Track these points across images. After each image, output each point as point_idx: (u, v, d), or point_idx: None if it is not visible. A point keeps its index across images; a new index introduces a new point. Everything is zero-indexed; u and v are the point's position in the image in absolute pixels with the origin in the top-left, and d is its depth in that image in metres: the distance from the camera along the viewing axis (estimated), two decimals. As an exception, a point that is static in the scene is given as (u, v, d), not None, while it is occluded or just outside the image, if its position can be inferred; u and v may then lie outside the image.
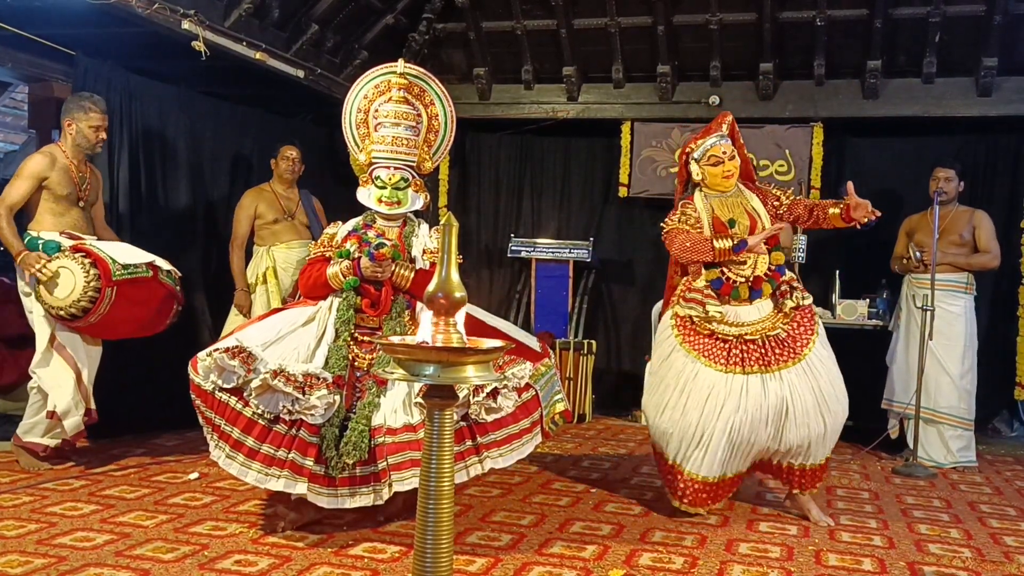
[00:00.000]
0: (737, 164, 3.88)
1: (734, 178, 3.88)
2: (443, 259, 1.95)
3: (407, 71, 3.76)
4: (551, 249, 6.59)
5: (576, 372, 6.20)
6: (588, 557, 3.21)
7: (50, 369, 4.11)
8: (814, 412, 3.63)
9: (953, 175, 5.19)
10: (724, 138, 3.90)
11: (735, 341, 3.73)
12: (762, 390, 3.64)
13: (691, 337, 3.80)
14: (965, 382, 5.15)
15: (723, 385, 3.66)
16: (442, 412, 1.93)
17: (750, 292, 3.79)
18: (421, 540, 1.90)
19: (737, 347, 3.72)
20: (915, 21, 5.76)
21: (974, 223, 5.21)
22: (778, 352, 3.68)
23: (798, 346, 3.68)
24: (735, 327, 3.75)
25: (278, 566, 2.98)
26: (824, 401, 3.65)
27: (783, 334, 3.71)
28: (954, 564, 3.32)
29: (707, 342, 3.76)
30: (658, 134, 6.64)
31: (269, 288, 5.10)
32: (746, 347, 3.71)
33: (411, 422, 3.28)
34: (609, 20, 6.19)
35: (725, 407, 3.62)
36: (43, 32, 4.59)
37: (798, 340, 3.70)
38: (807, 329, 3.73)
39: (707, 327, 3.77)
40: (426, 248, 3.68)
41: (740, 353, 3.71)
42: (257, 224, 5.17)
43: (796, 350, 3.68)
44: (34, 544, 3.09)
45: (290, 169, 5.24)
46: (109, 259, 3.97)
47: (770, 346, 3.70)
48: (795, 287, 3.79)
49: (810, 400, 3.63)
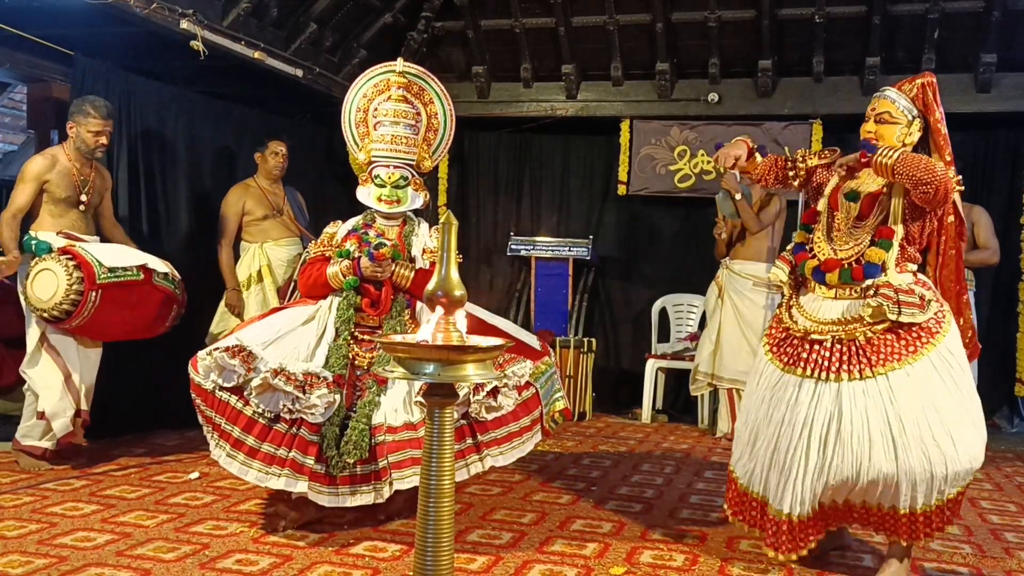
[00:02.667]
0: (888, 131, 3.02)
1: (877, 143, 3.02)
2: (443, 258, 1.95)
3: (406, 70, 3.76)
4: (551, 247, 6.59)
5: (576, 370, 6.20)
6: (589, 555, 3.21)
7: (39, 369, 4.11)
8: (880, 441, 2.81)
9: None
10: (889, 94, 3.07)
11: (802, 339, 3.06)
12: (812, 401, 2.95)
13: (773, 327, 3.23)
14: None
15: (776, 385, 3.07)
16: (442, 410, 1.93)
17: (814, 272, 3.09)
18: (422, 538, 1.90)
19: (802, 345, 3.05)
20: (914, 17, 5.76)
21: (972, 219, 5.21)
22: (845, 359, 2.93)
23: (877, 359, 2.88)
24: (809, 320, 3.08)
25: (279, 565, 2.99)
26: (902, 432, 2.80)
27: (863, 340, 2.93)
28: (955, 560, 3.32)
29: (780, 335, 3.16)
30: (657, 132, 6.65)
31: (265, 286, 5.02)
32: (810, 347, 3.02)
33: (411, 420, 3.28)
34: (608, 18, 6.19)
35: (774, 413, 3.04)
36: (41, 32, 4.58)
37: (882, 353, 2.89)
38: (908, 345, 2.89)
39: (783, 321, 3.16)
40: (426, 247, 3.68)
41: (801, 352, 3.04)
42: (245, 221, 5.05)
43: (872, 363, 2.88)
44: (35, 544, 3.09)
45: (279, 165, 5.12)
46: (95, 262, 3.95)
47: (838, 351, 2.96)
48: (903, 299, 2.89)
49: (876, 424, 2.83)
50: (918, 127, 3.08)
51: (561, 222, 7.09)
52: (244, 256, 5.09)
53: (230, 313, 5.01)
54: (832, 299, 3.07)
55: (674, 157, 6.61)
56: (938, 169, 2.86)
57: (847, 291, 3.04)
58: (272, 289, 5.02)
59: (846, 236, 3.07)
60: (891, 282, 2.96)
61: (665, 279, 6.80)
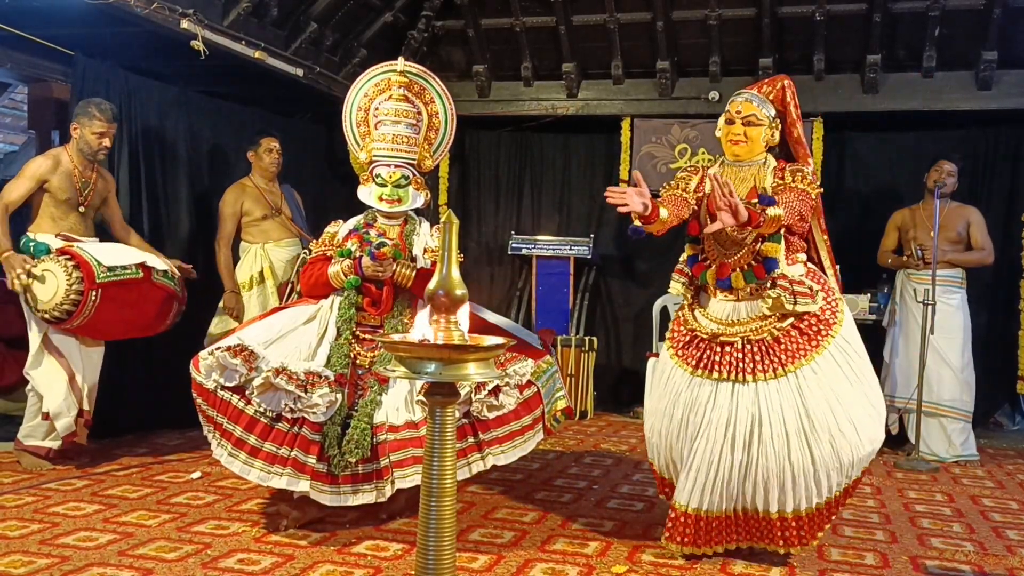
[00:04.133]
0: (756, 133, 3.17)
1: (742, 146, 3.19)
2: (444, 257, 1.95)
3: (407, 69, 3.75)
4: (552, 246, 6.59)
5: (577, 369, 6.21)
6: (591, 554, 3.21)
7: (42, 369, 4.11)
8: (796, 438, 2.98)
9: (955, 170, 5.20)
10: (752, 98, 3.22)
11: (709, 341, 3.17)
12: (731, 402, 3.06)
13: (675, 330, 3.32)
14: (966, 374, 5.18)
15: (687, 391, 3.16)
16: (444, 409, 1.93)
17: (716, 281, 3.18)
18: (423, 537, 1.90)
19: (711, 348, 3.15)
20: (914, 15, 5.75)
21: (968, 219, 5.21)
22: (757, 359, 3.06)
23: (786, 357, 3.04)
24: (715, 323, 3.19)
25: (281, 564, 2.99)
26: (812, 427, 2.98)
27: (770, 339, 3.08)
28: (956, 558, 3.32)
29: (684, 338, 3.25)
30: (658, 130, 6.64)
31: (267, 288, 4.97)
32: (720, 350, 3.12)
33: (413, 419, 3.28)
34: (608, 16, 6.19)
35: (690, 418, 3.12)
36: (42, 32, 4.58)
37: (789, 350, 3.05)
38: (810, 340, 3.06)
39: (688, 323, 3.26)
40: (427, 246, 3.68)
41: (712, 356, 3.13)
42: (244, 221, 5.00)
43: (782, 361, 3.04)
44: (37, 544, 3.10)
45: (275, 162, 5.07)
46: (94, 262, 3.95)
47: (750, 352, 3.08)
48: (797, 289, 3.05)
49: (791, 422, 2.99)
50: (778, 126, 3.23)
51: (562, 221, 7.09)
52: (245, 257, 5.05)
53: (228, 315, 4.95)
54: (735, 301, 3.18)
55: (675, 155, 6.61)
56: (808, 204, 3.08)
57: (748, 290, 3.16)
58: (273, 290, 4.98)
59: (736, 238, 3.11)
60: (785, 274, 3.10)
61: (666, 278, 6.69)
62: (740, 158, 3.23)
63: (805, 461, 2.99)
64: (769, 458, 3.00)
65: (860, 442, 3.03)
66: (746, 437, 3.02)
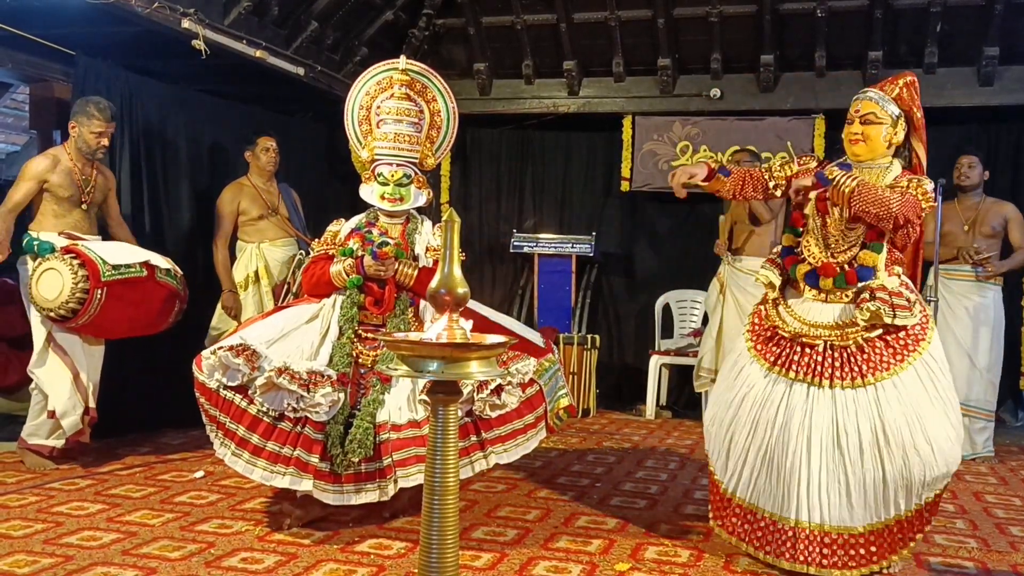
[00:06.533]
0: (875, 131, 3.06)
1: (860, 145, 3.09)
2: (446, 255, 1.95)
3: (409, 67, 3.75)
4: (553, 244, 6.59)
5: (580, 367, 6.21)
6: (594, 551, 3.21)
7: (47, 368, 4.12)
8: (870, 450, 2.91)
9: (976, 161, 5.09)
10: (872, 96, 3.10)
11: (791, 340, 3.09)
12: (805, 404, 2.99)
13: (756, 324, 3.24)
14: (992, 374, 5.10)
15: (761, 386, 3.09)
16: (446, 408, 1.93)
17: (807, 276, 3.12)
18: (427, 536, 1.90)
19: (791, 347, 3.08)
20: (916, 11, 5.75)
21: (1006, 216, 5.10)
22: (837, 365, 2.99)
23: (868, 368, 2.95)
24: (799, 322, 3.10)
25: (284, 563, 2.99)
26: (887, 442, 2.90)
27: (854, 347, 2.99)
28: (960, 555, 3.32)
29: (765, 334, 3.18)
30: (659, 127, 6.64)
31: (262, 287, 4.96)
32: (801, 350, 3.05)
33: (415, 418, 3.28)
34: (609, 14, 6.19)
35: (760, 415, 3.06)
36: (43, 32, 4.58)
37: (872, 361, 2.96)
38: (895, 353, 2.97)
39: (771, 319, 3.17)
40: (429, 245, 3.68)
41: (791, 355, 3.06)
42: (241, 220, 4.99)
43: (863, 371, 2.95)
44: (41, 544, 3.10)
45: (272, 161, 5.05)
46: (99, 260, 3.96)
47: (830, 356, 3.01)
48: (896, 302, 2.95)
49: (866, 434, 2.92)
50: (902, 126, 3.14)
51: (564, 219, 7.08)
52: (241, 256, 5.04)
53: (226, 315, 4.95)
54: (822, 302, 3.10)
55: (676, 153, 6.61)
56: (892, 203, 2.92)
57: (838, 295, 3.08)
58: (269, 291, 4.96)
59: (840, 240, 3.10)
60: (884, 285, 3.01)
61: (668, 275, 6.79)
62: (860, 158, 3.12)
63: (876, 475, 2.91)
64: (840, 466, 2.92)
65: (935, 463, 2.92)
66: (822, 442, 2.94)
